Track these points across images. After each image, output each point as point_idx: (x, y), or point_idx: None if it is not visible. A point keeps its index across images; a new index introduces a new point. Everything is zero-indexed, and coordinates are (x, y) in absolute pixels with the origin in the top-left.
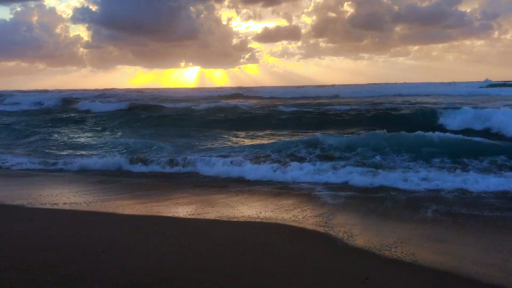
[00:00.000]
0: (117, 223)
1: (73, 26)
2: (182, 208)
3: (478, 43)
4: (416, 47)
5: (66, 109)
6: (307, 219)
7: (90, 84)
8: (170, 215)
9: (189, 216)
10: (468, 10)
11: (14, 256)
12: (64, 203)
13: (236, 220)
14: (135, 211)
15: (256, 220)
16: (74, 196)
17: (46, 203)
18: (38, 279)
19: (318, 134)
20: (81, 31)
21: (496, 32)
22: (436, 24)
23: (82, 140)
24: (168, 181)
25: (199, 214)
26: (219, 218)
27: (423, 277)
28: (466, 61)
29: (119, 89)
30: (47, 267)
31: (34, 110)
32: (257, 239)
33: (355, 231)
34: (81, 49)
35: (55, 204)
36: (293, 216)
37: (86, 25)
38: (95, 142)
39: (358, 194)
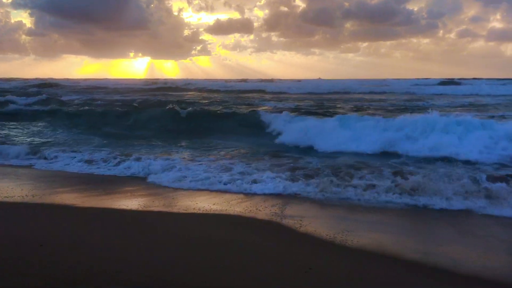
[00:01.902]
0: (57, 217)
1: (15, 12)
2: (128, 201)
3: (424, 41)
4: (365, 44)
5: None
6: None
7: (35, 73)
8: (115, 207)
9: (135, 209)
10: (416, 9)
11: None
12: None
13: (184, 212)
14: (77, 203)
15: (206, 212)
16: (7, 188)
17: None
18: None
19: None
20: (24, 17)
21: (441, 31)
22: (385, 22)
23: None
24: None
25: (146, 207)
26: (166, 211)
27: (365, 264)
28: (413, 59)
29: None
30: None
31: None
32: (205, 231)
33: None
34: (24, 36)
35: None
36: (245, 208)
37: (29, 11)
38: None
39: None
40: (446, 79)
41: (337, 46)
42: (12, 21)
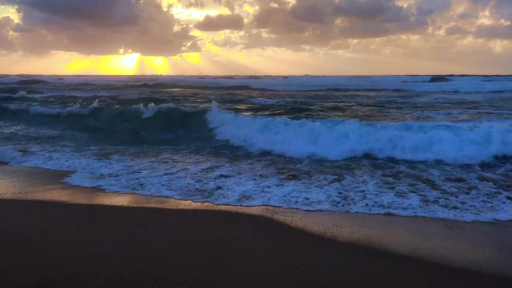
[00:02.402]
0: (47, 214)
1: (2, 7)
2: (117, 197)
3: (414, 38)
4: (355, 40)
5: None
6: None
7: (22, 69)
8: (105, 203)
9: (125, 205)
10: (405, 6)
11: None
12: None
13: (175, 208)
14: (67, 200)
15: (196, 208)
16: None
17: None
18: None
19: None
20: (11, 13)
21: (430, 28)
22: (375, 18)
23: None
24: None
25: (136, 203)
26: (157, 207)
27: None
28: (402, 55)
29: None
30: None
31: None
32: (195, 227)
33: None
34: (11, 32)
35: None
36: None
37: (16, 6)
38: None
39: None
40: (435, 75)
41: (327, 43)
42: (0, 16)
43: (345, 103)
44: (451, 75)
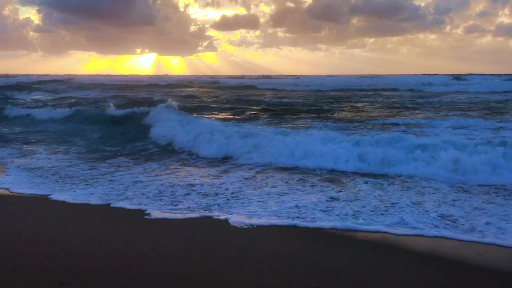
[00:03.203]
0: (69, 212)
1: (23, 8)
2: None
3: (431, 37)
4: (371, 40)
5: None
6: None
7: (43, 69)
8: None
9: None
10: (422, 4)
11: None
12: (11, 190)
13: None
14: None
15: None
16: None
17: None
18: None
19: None
20: (31, 14)
21: (448, 27)
22: (392, 17)
23: None
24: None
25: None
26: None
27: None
28: (419, 54)
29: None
30: None
31: None
32: (212, 227)
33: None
34: (32, 33)
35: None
36: None
37: (37, 7)
38: None
39: None
40: (453, 75)
41: (343, 42)
42: (20, 17)
43: (337, 104)
44: (469, 74)
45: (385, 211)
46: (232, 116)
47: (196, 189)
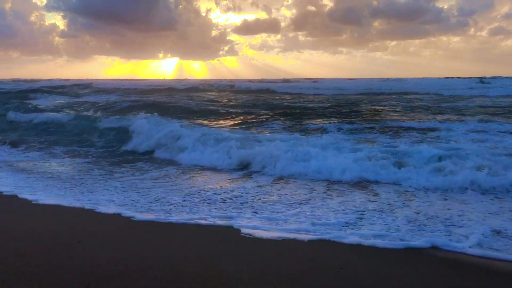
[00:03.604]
0: (94, 216)
1: (49, 14)
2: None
3: (455, 40)
4: (393, 43)
5: None
6: None
7: (67, 74)
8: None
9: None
10: (445, 7)
11: None
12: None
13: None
14: None
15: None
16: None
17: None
18: (12, 269)
19: None
20: (57, 20)
21: (472, 29)
22: (414, 20)
23: None
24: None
25: None
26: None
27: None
28: (442, 57)
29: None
30: (21, 258)
31: None
32: (232, 233)
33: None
34: (57, 38)
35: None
36: None
37: (62, 13)
38: None
39: None
40: (478, 78)
41: (364, 45)
42: (46, 23)
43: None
44: (494, 77)
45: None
46: (245, 120)
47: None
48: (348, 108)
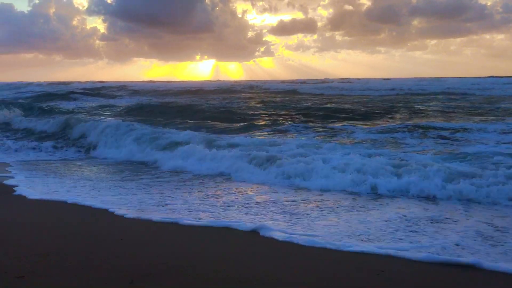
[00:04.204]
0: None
1: (90, 18)
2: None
3: (499, 37)
4: (433, 41)
5: None
6: None
7: (108, 76)
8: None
9: None
10: (489, 3)
11: (32, 244)
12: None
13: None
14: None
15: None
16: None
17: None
18: (55, 265)
19: None
20: (98, 23)
21: None
22: (455, 18)
23: None
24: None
25: None
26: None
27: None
28: (485, 56)
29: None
30: (63, 254)
31: None
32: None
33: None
34: (98, 42)
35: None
36: None
37: (102, 17)
38: None
39: None
40: None
41: (403, 44)
42: (88, 27)
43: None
44: None
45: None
46: (265, 123)
47: None
48: (379, 110)
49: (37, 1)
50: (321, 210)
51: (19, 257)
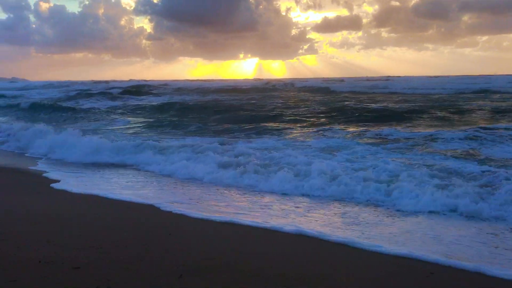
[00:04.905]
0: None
1: (137, 18)
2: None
3: None
4: (485, 37)
5: None
6: None
7: (154, 75)
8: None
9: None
10: None
11: (84, 236)
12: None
13: None
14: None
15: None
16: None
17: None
18: (109, 257)
19: None
20: (144, 23)
21: None
22: (507, 13)
23: None
24: None
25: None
26: None
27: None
28: None
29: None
30: (118, 246)
31: None
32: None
33: None
34: (144, 41)
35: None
36: None
37: (148, 17)
38: None
39: None
40: None
41: (452, 41)
42: (135, 27)
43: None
44: None
45: None
46: (294, 125)
47: None
48: (417, 110)
49: (87, 2)
50: None
51: (74, 249)
